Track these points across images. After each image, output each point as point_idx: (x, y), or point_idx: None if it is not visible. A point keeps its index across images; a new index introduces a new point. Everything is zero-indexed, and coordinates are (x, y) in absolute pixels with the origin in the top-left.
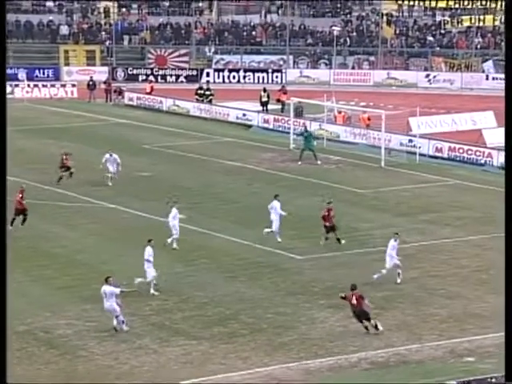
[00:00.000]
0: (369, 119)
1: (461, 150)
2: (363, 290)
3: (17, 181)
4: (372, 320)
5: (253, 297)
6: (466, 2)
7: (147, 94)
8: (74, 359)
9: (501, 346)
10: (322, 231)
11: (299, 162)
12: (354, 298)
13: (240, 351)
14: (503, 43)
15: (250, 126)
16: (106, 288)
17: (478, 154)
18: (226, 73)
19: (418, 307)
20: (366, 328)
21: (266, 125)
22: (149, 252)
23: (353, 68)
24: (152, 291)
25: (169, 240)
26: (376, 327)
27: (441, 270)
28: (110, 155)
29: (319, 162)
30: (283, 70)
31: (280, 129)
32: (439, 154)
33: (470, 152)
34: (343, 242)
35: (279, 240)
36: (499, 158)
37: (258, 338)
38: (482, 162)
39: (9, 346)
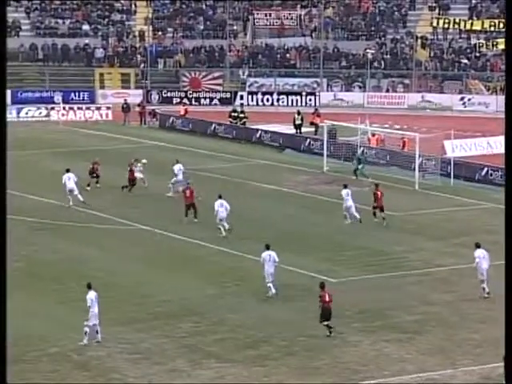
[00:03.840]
0: (404, 143)
1: (496, 174)
2: (395, 314)
3: (52, 202)
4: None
5: (285, 320)
6: (501, 25)
7: (181, 116)
8: (108, 382)
9: None
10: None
11: (369, 180)
12: (327, 296)
13: (272, 374)
14: None
15: (283, 149)
16: (92, 294)
17: None
18: (260, 95)
19: (451, 331)
20: (328, 326)
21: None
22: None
23: (387, 91)
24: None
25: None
26: (330, 329)
27: (474, 294)
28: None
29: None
30: (317, 93)
31: (314, 151)
32: (474, 177)
33: None
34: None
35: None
36: None
37: (291, 362)
38: None
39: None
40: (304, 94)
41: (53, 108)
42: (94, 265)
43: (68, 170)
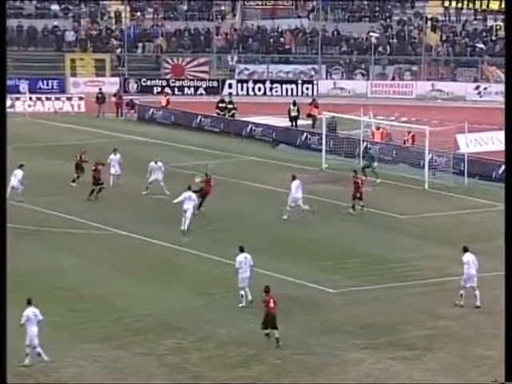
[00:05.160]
0: (412, 137)
1: None
2: (401, 329)
3: (19, 205)
4: (277, 332)
5: (280, 335)
6: None
7: (162, 107)
8: None
9: None
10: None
11: (378, 180)
12: (271, 301)
13: None
14: None
15: (277, 144)
16: (30, 311)
17: None
18: (251, 84)
19: (466, 348)
20: (268, 335)
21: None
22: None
23: (393, 79)
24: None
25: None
26: (277, 341)
27: (491, 307)
28: (156, 162)
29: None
30: (315, 82)
31: (311, 146)
32: (491, 176)
33: None
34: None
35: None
36: None
37: (286, 382)
38: None
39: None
40: (300, 82)
41: (18, 98)
42: (65, 274)
43: (21, 166)
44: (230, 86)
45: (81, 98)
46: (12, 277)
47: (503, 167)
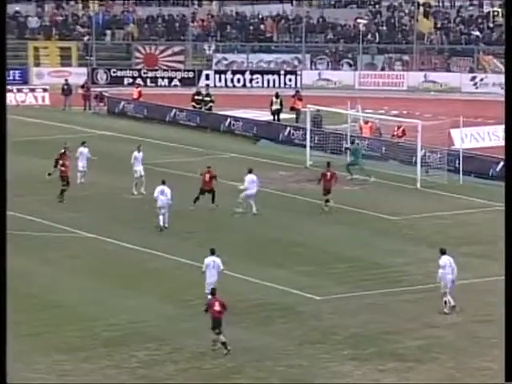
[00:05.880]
0: (403, 132)
1: None
2: (393, 339)
3: None
4: (222, 336)
5: (261, 346)
6: None
7: (134, 100)
8: None
9: None
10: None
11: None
12: (217, 304)
13: None
14: None
15: (257, 139)
16: None
17: None
18: (229, 75)
19: (462, 359)
20: (215, 342)
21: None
22: None
23: (382, 69)
24: None
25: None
26: (225, 346)
27: (489, 315)
28: (139, 151)
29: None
30: (298, 72)
31: (295, 142)
32: (488, 173)
33: None
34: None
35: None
36: None
37: None
38: None
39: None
40: (282, 73)
41: None
42: (32, 280)
43: None
44: (207, 77)
45: (45, 90)
46: None
47: (501, 164)
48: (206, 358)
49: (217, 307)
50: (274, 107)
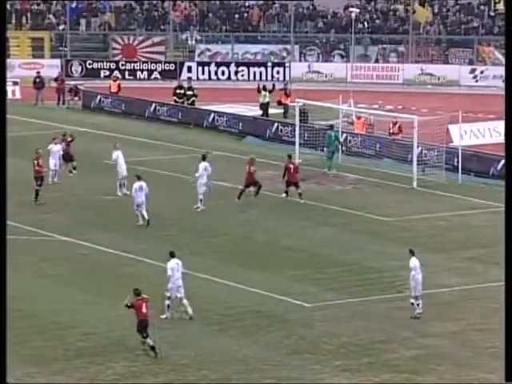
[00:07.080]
0: (399, 128)
1: None
2: (387, 348)
3: None
4: (150, 340)
5: (247, 356)
6: None
7: (111, 94)
8: None
9: None
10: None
11: (329, 171)
12: (144, 305)
13: None
14: None
15: (243, 136)
16: None
17: None
18: (213, 67)
19: (460, 371)
20: (143, 344)
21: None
22: None
23: (376, 61)
24: None
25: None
26: (153, 350)
27: (489, 323)
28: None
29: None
30: (286, 64)
31: (283, 138)
32: (488, 172)
33: None
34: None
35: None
36: None
37: None
38: None
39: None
40: (270, 65)
41: None
42: None
43: None
44: (190, 70)
45: (15, 83)
46: None
47: (502, 162)
48: (188, 370)
49: (144, 309)
50: (262, 101)
